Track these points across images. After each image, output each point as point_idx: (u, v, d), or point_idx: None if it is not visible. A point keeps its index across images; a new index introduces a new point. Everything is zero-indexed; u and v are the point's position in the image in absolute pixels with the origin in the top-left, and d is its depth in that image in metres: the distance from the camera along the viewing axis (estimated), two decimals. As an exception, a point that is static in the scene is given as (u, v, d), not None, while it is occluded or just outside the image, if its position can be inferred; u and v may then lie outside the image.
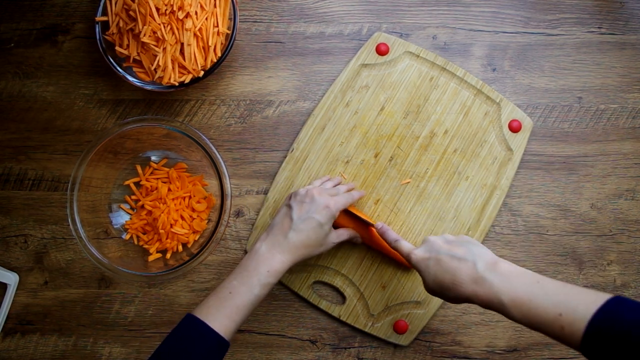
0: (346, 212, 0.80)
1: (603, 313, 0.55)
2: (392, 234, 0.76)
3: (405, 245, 0.72)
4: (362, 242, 0.82)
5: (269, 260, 0.71)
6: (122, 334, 0.86)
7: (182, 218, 0.84)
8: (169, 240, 0.84)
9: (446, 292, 0.66)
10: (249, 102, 0.89)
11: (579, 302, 0.56)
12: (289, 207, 0.75)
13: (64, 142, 0.89)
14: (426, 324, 0.83)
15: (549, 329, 0.58)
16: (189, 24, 0.80)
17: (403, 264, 0.83)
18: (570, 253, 0.85)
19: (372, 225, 0.79)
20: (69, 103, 0.90)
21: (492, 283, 0.62)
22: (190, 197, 0.86)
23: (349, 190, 0.81)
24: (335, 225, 0.80)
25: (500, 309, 0.61)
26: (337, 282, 0.84)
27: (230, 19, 0.85)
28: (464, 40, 0.89)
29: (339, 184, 0.84)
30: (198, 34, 0.82)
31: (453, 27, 0.89)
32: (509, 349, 0.84)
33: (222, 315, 0.68)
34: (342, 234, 0.79)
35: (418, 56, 0.87)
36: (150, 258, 0.84)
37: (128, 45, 0.83)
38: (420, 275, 0.69)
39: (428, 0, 0.90)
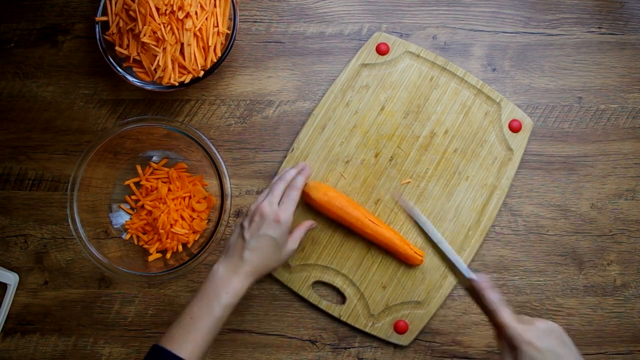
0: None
1: None
2: (493, 295, 0.66)
3: (508, 317, 0.64)
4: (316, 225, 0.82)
5: (227, 283, 0.71)
6: (122, 334, 0.86)
7: (182, 218, 0.84)
8: (169, 240, 0.84)
9: None
10: (249, 102, 0.89)
11: None
12: (242, 226, 0.74)
13: (64, 142, 0.89)
14: (426, 324, 0.83)
15: None
16: (189, 24, 0.80)
17: (405, 260, 0.83)
18: (570, 253, 0.85)
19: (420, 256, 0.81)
20: (69, 103, 0.90)
21: None
22: (190, 197, 0.86)
23: (298, 173, 0.79)
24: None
25: None
26: (338, 282, 0.84)
27: (230, 19, 0.85)
28: (464, 40, 0.89)
29: (301, 170, 0.80)
30: (198, 34, 0.82)
31: (453, 27, 0.89)
32: (509, 349, 0.84)
33: (186, 342, 0.68)
34: (297, 236, 0.78)
35: (418, 56, 0.87)
36: (150, 258, 0.84)
37: (128, 45, 0.83)
38: (516, 355, 0.62)
39: (428, 0, 0.90)
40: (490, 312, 0.65)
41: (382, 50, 0.87)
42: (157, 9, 0.79)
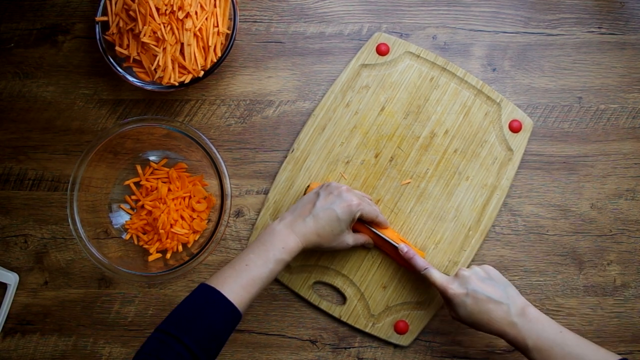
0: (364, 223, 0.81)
1: None
2: (420, 260, 0.78)
3: (437, 275, 0.76)
4: (374, 246, 0.83)
5: (285, 238, 0.73)
6: (122, 334, 0.86)
7: (182, 218, 0.84)
8: (169, 240, 0.84)
9: (479, 327, 0.73)
10: (249, 102, 0.89)
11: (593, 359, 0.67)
12: (317, 194, 0.77)
13: (64, 142, 0.89)
14: (426, 324, 0.83)
15: None
16: (189, 24, 0.80)
17: (410, 269, 0.83)
18: (570, 253, 0.85)
19: (395, 246, 0.80)
20: (69, 103, 0.90)
21: (521, 328, 0.70)
22: (190, 197, 0.86)
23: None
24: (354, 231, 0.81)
25: (524, 350, 0.69)
26: (338, 282, 0.84)
27: (230, 19, 0.85)
28: (464, 40, 0.89)
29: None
30: (198, 34, 0.82)
31: (453, 27, 0.89)
32: (509, 349, 0.84)
33: (237, 285, 0.69)
34: (359, 238, 0.80)
35: (418, 56, 0.87)
36: (150, 258, 0.84)
37: (128, 45, 0.83)
38: (452, 306, 0.74)
39: (428, 0, 0.90)
40: (423, 276, 0.77)
41: (382, 50, 0.87)
42: (157, 9, 0.79)
